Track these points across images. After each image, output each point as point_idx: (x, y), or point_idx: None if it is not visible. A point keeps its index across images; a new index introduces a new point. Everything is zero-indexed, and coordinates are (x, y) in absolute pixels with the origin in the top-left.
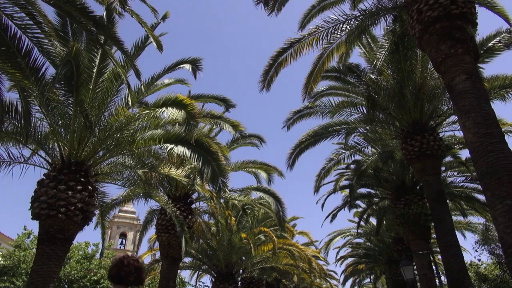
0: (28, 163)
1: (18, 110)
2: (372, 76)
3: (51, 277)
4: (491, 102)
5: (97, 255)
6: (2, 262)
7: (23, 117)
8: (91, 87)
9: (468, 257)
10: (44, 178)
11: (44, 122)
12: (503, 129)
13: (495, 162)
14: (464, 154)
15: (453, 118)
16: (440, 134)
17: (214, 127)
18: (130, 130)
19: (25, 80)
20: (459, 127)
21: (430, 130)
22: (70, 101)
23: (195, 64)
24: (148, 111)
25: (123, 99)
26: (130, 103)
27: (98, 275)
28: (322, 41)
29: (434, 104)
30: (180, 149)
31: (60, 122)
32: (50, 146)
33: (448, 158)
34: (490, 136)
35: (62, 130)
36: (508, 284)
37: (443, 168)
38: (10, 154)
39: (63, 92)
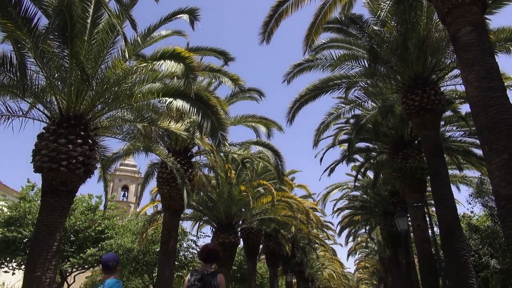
0: (27, 116)
1: (12, 62)
2: (375, 28)
3: (57, 227)
4: (495, 55)
5: (101, 207)
6: (8, 213)
7: (18, 70)
8: (86, 39)
9: (461, 209)
10: (44, 131)
11: (40, 75)
12: (505, 83)
13: (495, 116)
14: (465, 108)
15: (456, 72)
16: (441, 88)
17: (213, 80)
18: (128, 84)
19: (18, 31)
20: (461, 81)
21: (431, 84)
22: (65, 53)
23: (193, 14)
24: (145, 64)
25: (120, 51)
26: (127, 56)
27: (103, 225)
28: None
29: (437, 57)
30: (179, 103)
31: (56, 75)
32: (48, 100)
33: (448, 113)
34: (492, 90)
35: (59, 83)
36: (498, 234)
37: (442, 123)
38: (8, 108)
39: (57, 43)
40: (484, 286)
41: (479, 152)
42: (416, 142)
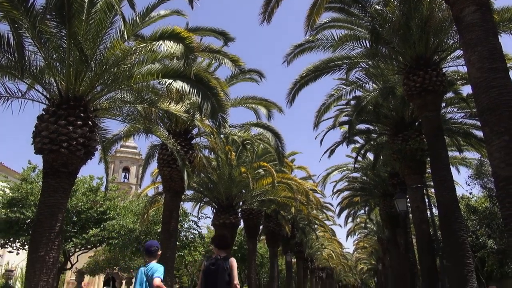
0: (26, 98)
1: (10, 43)
2: (378, 7)
3: (59, 208)
4: (499, 36)
5: (102, 188)
6: (10, 194)
7: (16, 50)
8: (83, 19)
9: (460, 191)
10: (44, 113)
11: (38, 55)
12: (508, 64)
13: (497, 98)
14: (466, 90)
15: (458, 52)
16: (443, 69)
17: (213, 62)
18: (127, 65)
19: (14, 10)
20: (463, 62)
21: (433, 65)
22: (63, 33)
23: None
24: (144, 44)
25: (118, 31)
26: (126, 36)
27: (104, 206)
28: None
29: (440, 38)
30: (178, 84)
31: (54, 55)
32: (47, 81)
33: (449, 94)
34: (494, 71)
35: (58, 64)
36: (496, 215)
37: (443, 104)
38: (7, 89)
39: (55, 23)
40: (481, 266)
41: (479, 133)
42: (416, 123)
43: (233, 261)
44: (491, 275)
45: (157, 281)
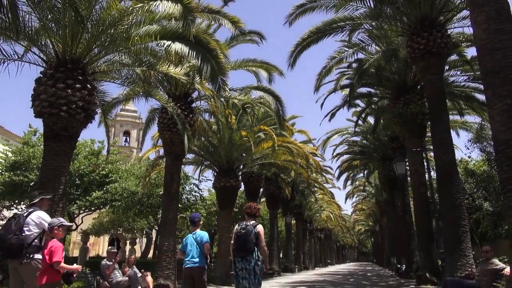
0: (23, 60)
1: (3, 2)
2: None
3: (61, 171)
4: None
5: (104, 152)
6: (13, 158)
7: (10, 10)
8: None
9: (459, 154)
10: (42, 76)
11: (33, 16)
12: None
13: (501, 60)
14: (470, 52)
15: (464, 13)
16: (448, 31)
17: (212, 23)
18: (124, 26)
19: None
20: (469, 23)
21: (438, 26)
22: None
23: None
24: (141, 4)
25: None
26: None
27: (106, 169)
28: None
29: None
30: (177, 46)
31: (49, 16)
32: (43, 43)
33: (453, 57)
34: (500, 33)
35: (53, 25)
36: (493, 178)
37: (446, 67)
38: (3, 51)
39: None
40: (475, 227)
41: (481, 97)
42: (418, 87)
43: (260, 227)
44: (485, 236)
45: (208, 245)
